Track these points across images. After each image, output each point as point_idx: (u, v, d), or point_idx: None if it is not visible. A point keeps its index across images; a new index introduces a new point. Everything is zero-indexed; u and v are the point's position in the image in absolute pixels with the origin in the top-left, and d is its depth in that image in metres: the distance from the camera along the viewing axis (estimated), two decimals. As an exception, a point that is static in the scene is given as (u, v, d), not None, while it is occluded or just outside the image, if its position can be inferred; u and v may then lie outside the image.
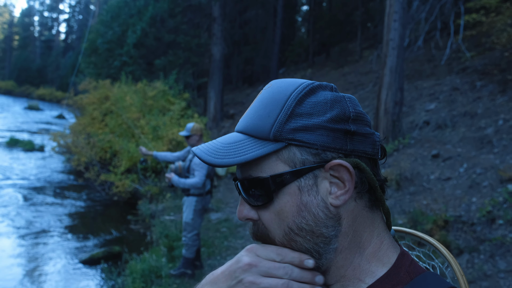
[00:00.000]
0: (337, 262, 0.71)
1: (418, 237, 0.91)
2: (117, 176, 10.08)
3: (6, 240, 7.11)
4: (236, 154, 0.69)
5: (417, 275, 0.69)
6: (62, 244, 7.16)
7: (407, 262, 0.71)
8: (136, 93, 13.03)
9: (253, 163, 0.70)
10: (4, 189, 10.40)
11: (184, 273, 5.14)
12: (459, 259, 4.69)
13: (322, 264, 0.70)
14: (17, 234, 7.45)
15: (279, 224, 0.69)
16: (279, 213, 0.69)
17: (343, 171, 0.68)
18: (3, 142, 17.44)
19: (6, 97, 49.54)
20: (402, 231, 0.93)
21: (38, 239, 7.29)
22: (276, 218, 0.69)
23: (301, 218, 0.68)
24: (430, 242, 0.88)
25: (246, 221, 0.73)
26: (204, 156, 0.70)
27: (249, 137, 0.71)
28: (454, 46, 11.70)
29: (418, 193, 6.37)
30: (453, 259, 0.82)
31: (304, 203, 0.68)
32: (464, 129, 7.79)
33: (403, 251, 0.74)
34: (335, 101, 0.71)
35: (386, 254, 0.72)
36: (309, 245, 0.69)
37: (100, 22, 21.58)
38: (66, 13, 74.85)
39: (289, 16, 27.10)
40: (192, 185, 4.95)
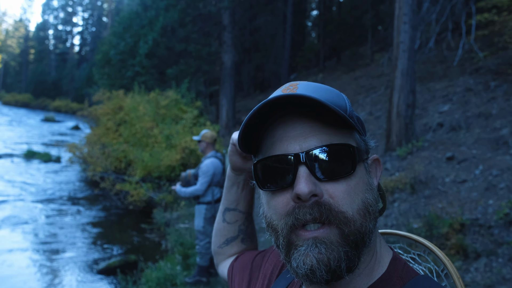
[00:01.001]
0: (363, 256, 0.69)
1: (413, 240, 0.91)
2: (132, 185, 10.18)
3: (24, 250, 7.23)
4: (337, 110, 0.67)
5: (410, 279, 0.70)
6: (79, 254, 7.25)
7: (400, 267, 0.72)
8: (149, 103, 13.18)
9: (331, 132, 0.69)
10: (21, 200, 10.60)
11: (199, 281, 5.16)
12: (477, 263, 4.62)
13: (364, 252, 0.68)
14: (35, 244, 7.57)
15: (353, 197, 0.67)
16: (355, 186, 0.68)
17: (378, 166, 0.78)
18: (21, 154, 17.78)
19: (24, 110, 50.57)
20: (397, 234, 0.93)
21: (55, 249, 7.40)
22: (351, 191, 0.67)
23: (369, 195, 0.70)
24: (426, 245, 0.88)
25: (309, 198, 0.66)
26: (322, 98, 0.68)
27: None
28: (467, 47, 11.58)
29: (433, 196, 6.30)
30: (449, 261, 0.83)
31: (369, 182, 0.72)
32: (479, 130, 7.68)
33: (395, 255, 0.75)
34: None
35: (384, 255, 0.74)
36: (371, 225, 0.68)
37: (113, 33, 21.95)
38: (79, 25, 76.23)
39: (299, 22, 27.15)
40: (192, 193, 5.00)
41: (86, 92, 29.46)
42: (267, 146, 0.72)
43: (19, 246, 7.40)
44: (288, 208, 0.68)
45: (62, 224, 8.93)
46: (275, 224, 0.70)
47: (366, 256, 0.70)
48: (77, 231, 8.53)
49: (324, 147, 0.67)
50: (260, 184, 0.73)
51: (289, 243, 0.68)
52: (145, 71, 18.02)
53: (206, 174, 4.99)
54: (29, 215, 9.35)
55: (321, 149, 0.67)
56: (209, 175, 4.99)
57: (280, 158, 0.69)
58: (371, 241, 0.69)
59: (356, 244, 0.66)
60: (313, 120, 0.69)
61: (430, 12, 12.06)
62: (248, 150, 0.77)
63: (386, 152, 8.52)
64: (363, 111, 12.04)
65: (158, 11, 18.71)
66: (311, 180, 0.66)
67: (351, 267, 0.66)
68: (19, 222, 8.74)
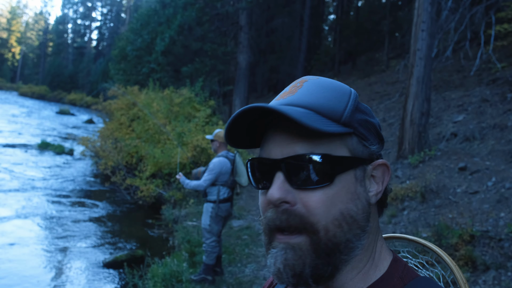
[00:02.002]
0: (354, 262, 0.70)
1: (421, 244, 0.90)
2: (142, 181, 10.26)
3: (32, 240, 7.34)
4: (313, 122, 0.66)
5: (410, 280, 0.69)
6: (86, 246, 7.34)
7: (401, 268, 0.72)
8: (163, 100, 13.28)
9: (316, 140, 0.67)
10: (33, 191, 10.76)
11: (205, 279, 5.18)
12: (485, 276, 4.56)
13: (349, 258, 0.69)
14: (43, 236, 7.68)
15: (330, 207, 0.66)
16: (334, 196, 0.66)
17: (385, 172, 0.73)
18: (35, 145, 18.04)
19: (39, 102, 51.31)
20: (405, 238, 0.93)
21: (64, 241, 7.49)
22: (327, 201, 0.66)
23: (352, 206, 0.68)
24: (433, 250, 0.88)
25: (279, 205, 0.67)
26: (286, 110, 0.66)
27: (315, 113, 0.68)
28: (484, 57, 11.44)
29: (443, 206, 6.23)
30: (456, 266, 0.82)
31: (357, 193, 0.69)
32: (493, 141, 7.58)
33: (396, 256, 0.75)
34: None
35: (383, 258, 0.73)
36: (349, 235, 0.67)
37: (130, 29, 22.18)
38: (98, 20, 77.16)
39: (316, 25, 27.10)
40: (194, 187, 5.05)
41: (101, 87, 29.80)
42: (263, 144, 0.74)
43: (27, 236, 7.51)
44: (267, 208, 0.69)
45: (71, 216, 9.04)
46: (261, 219, 0.72)
47: (357, 263, 0.70)
48: (86, 224, 8.63)
49: (302, 155, 0.66)
50: (251, 181, 0.75)
51: (268, 242, 0.70)
52: (161, 68, 18.17)
53: (212, 171, 5.01)
54: (39, 206, 9.49)
55: (298, 157, 0.67)
56: (214, 173, 5.01)
57: (262, 161, 0.71)
58: (354, 249, 0.68)
59: (327, 253, 0.66)
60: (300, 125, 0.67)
61: (449, 20, 11.95)
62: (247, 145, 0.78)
63: (397, 159, 8.45)
64: (376, 117, 11.96)
65: (176, 9, 18.86)
66: (284, 187, 0.67)
67: (319, 274, 0.66)
68: (28, 212, 8.87)
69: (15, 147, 17.01)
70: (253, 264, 5.94)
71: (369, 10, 23.97)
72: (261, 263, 5.97)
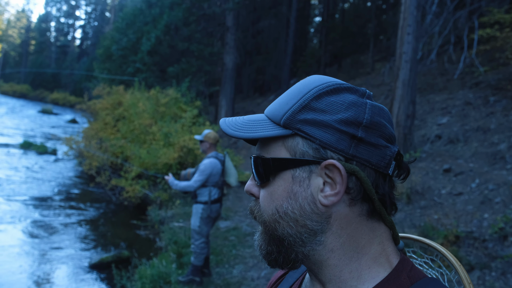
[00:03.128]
0: (329, 259, 0.72)
1: (426, 244, 0.91)
2: (127, 181, 10.15)
3: (14, 243, 7.19)
4: (249, 130, 0.75)
5: (418, 280, 0.70)
6: (71, 248, 7.23)
7: (408, 267, 0.72)
8: (148, 100, 13.16)
9: (263, 143, 0.76)
10: (15, 191, 10.55)
11: (193, 280, 5.15)
12: (470, 276, 4.64)
13: (308, 252, 0.73)
14: (26, 237, 7.53)
15: (269, 203, 0.74)
16: (271, 194, 0.74)
17: (336, 173, 0.69)
18: (17, 144, 17.69)
19: (21, 100, 50.30)
20: (410, 238, 0.94)
21: (47, 242, 7.36)
22: (268, 198, 0.74)
23: (287, 204, 0.72)
24: (438, 250, 0.88)
25: (250, 196, 0.79)
26: (223, 125, 0.79)
27: (267, 119, 0.76)
28: (468, 61, 11.67)
29: (429, 207, 6.33)
30: (461, 267, 0.83)
31: (294, 192, 0.72)
32: (477, 144, 7.74)
33: (404, 257, 0.75)
34: (353, 104, 0.70)
35: (387, 260, 0.73)
36: (291, 231, 0.73)
37: (115, 29, 21.94)
38: (82, 19, 76.05)
39: (302, 27, 27.26)
40: (184, 188, 5.00)
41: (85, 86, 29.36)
42: None
43: (9, 239, 7.35)
44: None
45: (54, 217, 8.89)
46: None
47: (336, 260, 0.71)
48: (70, 225, 8.50)
49: (252, 157, 0.77)
50: None
51: None
52: (146, 68, 18.02)
53: (203, 173, 4.99)
54: (21, 207, 9.30)
55: (252, 158, 0.77)
56: (205, 174, 4.99)
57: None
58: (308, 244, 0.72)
59: (276, 244, 0.75)
60: None
61: (433, 24, 12.15)
62: None
63: (383, 161, 8.54)
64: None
65: (162, 9, 18.74)
66: (252, 182, 0.79)
67: (271, 259, 0.76)
68: (10, 214, 8.69)
69: (-4, 146, 16.65)
70: (241, 265, 5.94)
71: (355, 13, 24.22)
72: (249, 264, 5.96)
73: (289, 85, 20.60)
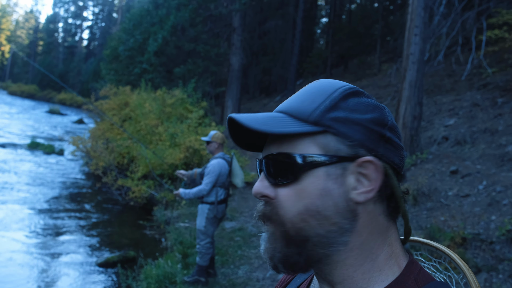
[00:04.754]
0: (347, 259, 0.71)
1: (434, 247, 0.91)
2: (133, 182, 10.19)
3: (22, 242, 7.24)
4: (275, 125, 0.71)
5: (425, 283, 0.69)
6: (78, 247, 7.27)
7: (416, 270, 0.72)
8: (155, 100, 13.22)
9: (287, 139, 0.72)
10: (22, 191, 10.62)
11: (198, 281, 5.16)
12: (477, 278, 4.60)
13: (331, 253, 0.71)
14: (33, 237, 7.58)
15: (295, 202, 0.70)
16: (300, 191, 0.70)
17: (372, 169, 0.70)
18: (25, 144, 17.83)
19: (29, 101, 50.73)
20: (418, 241, 0.93)
21: (54, 242, 7.41)
22: (294, 196, 0.70)
23: (320, 202, 0.69)
24: (446, 253, 0.88)
25: (260, 199, 0.74)
26: (242, 119, 0.71)
27: (288, 116, 0.73)
28: (475, 62, 11.59)
29: (435, 209, 6.29)
30: (469, 270, 0.82)
31: (328, 189, 0.70)
32: (484, 146, 7.68)
33: (412, 259, 0.75)
34: (377, 106, 0.74)
35: (396, 262, 0.72)
36: (320, 231, 0.69)
37: (122, 29, 22.05)
38: (89, 20, 76.56)
39: (308, 28, 27.23)
40: (196, 194, 4.97)
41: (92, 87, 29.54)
42: None
43: (17, 238, 7.41)
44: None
45: (61, 216, 8.95)
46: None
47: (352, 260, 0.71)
48: (76, 225, 8.55)
49: (271, 155, 0.73)
50: None
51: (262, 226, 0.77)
52: (153, 69, 18.09)
53: (212, 174, 4.99)
54: (29, 207, 9.37)
55: (270, 156, 0.73)
56: (214, 175, 4.99)
57: (259, 160, 0.78)
58: (333, 245, 0.70)
59: (297, 245, 0.71)
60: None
61: (441, 25, 12.08)
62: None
63: (390, 162, 8.51)
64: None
65: (169, 9, 18.80)
66: (263, 183, 0.74)
67: (290, 263, 0.71)
68: (16, 214, 8.76)
69: (4, 147, 16.80)
70: (246, 265, 5.93)
71: (362, 14, 24.16)
72: (254, 264, 5.96)
73: (296, 86, 20.61)
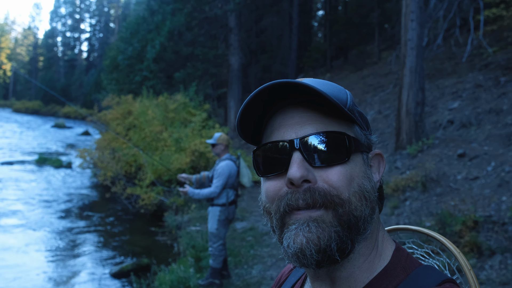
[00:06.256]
0: (361, 249, 0.71)
1: (424, 234, 0.91)
2: (142, 189, 10.24)
3: (36, 254, 7.31)
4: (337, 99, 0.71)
5: (413, 269, 0.71)
6: (92, 258, 7.32)
7: (403, 257, 0.73)
8: (157, 107, 13.26)
9: (330, 121, 0.71)
10: (34, 206, 10.72)
11: (212, 283, 5.18)
12: (491, 261, 4.58)
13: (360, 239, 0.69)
14: (47, 248, 7.65)
15: (349, 181, 0.68)
16: (351, 171, 0.69)
17: (381, 161, 0.78)
18: (33, 160, 17.98)
19: (34, 117, 51.14)
20: (409, 229, 0.94)
21: (68, 253, 7.47)
22: (347, 176, 0.68)
23: (366, 183, 0.71)
24: (436, 238, 0.89)
25: (301, 184, 0.67)
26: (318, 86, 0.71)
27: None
28: (475, 42, 11.48)
29: (445, 194, 6.25)
30: (460, 253, 0.83)
31: (367, 173, 0.73)
32: (490, 126, 7.61)
33: (398, 246, 0.76)
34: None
35: (385, 248, 0.74)
36: (366, 211, 0.69)
37: (120, 39, 22.15)
38: (87, 32, 76.92)
39: (305, 22, 27.12)
40: (207, 195, 4.98)
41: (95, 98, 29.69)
42: (267, 134, 0.75)
43: (33, 251, 7.48)
44: (281, 192, 0.69)
45: (73, 228, 9.01)
46: (267, 207, 0.72)
47: (364, 249, 0.71)
48: (90, 236, 8.60)
49: (318, 134, 0.69)
50: (258, 171, 0.75)
51: (282, 224, 0.70)
52: (153, 76, 18.14)
53: (222, 176, 4.99)
54: (42, 220, 9.45)
55: (315, 135, 0.69)
56: (224, 177, 4.99)
57: (276, 144, 0.71)
58: (367, 230, 0.70)
59: (349, 226, 0.67)
60: (311, 110, 0.71)
61: (437, 8, 11.98)
62: (252, 141, 0.80)
63: (396, 150, 8.47)
64: (371, 110, 11.98)
65: (164, 15, 18.84)
66: (304, 166, 0.67)
67: (343, 249, 0.66)
68: (32, 228, 8.83)
69: (12, 164, 16.95)
70: (260, 265, 5.94)
71: (357, 4, 23.98)
72: (267, 263, 5.96)
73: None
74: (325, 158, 0.68)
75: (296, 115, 0.72)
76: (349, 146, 0.69)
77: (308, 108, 0.72)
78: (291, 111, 0.73)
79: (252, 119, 0.75)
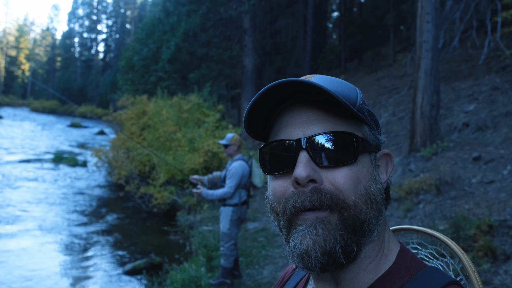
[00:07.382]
0: (367, 250, 0.71)
1: (429, 235, 0.91)
2: (156, 189, 10.34)
3: (51, 251, 7.44)
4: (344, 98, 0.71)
5: (418, 271, 0.70)
6: (105, 256, 7.42)
7: (408, 258, 0.73)
8: (172, 107, 13.38)
9: (338, 120, 0.70)
10: (49, 204, 10.90)
11: (223, 283, 5.20)
12: (506, 266, 4.51)
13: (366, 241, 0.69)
14: (62, 246, 7.78)
15: (356, 184, 0.67)
16: (358, 173, 0.68)
17: (389, 161, 0.77)
18: (49, 159, 18.28)
19: (51, 116, 52.02)
20: (413, 229, 0.94)
21: (82, 251, 7.59)
22: (354, 177, 0.67)
23: (373, 185, 0.70)
24: (441, 239, 0.88)
25: (306, 184, 0.66)
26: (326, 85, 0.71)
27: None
28: (492, 45, 11.31)
29: (459, 197, 6.18)
30: (464, 255, 0.83)
31: (375, 175, 0.72)
32: (507, 129, 7.49)
33: (403, 247, 0.76)
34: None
35: (391, 249, 0.74)
36: (371, 214, 0.69)
37: (136, 40, 22.40)
38: (104, 33, 77.99)
39: (320, 24, 27.03)
40: (221, 196, 5.00)
41: (110, 98, 30.08)
42: (274, 132, 0.75)
43: (47, 248, 7.62)
44: (288, 193, 0.69)
45: (88, 227, 9.15)
46: (275, 207, 0.72)
47: (371, 251, 0.71)
48: (103, 234, 8.72)
49: (326, 134, 0.68)
50: (264, 168, 0.75)
51: (290, 224, 0.69)
52: (168, 76, 18.30)
53: (235, 176, 5.02)
54: (57, 218, 9.61)
55: (323, 135, 0.68)
56: (238, 177, 5.02)
57: (282, 143, 0.71)
58: (373, 233, 0.70)
59: (354, 230, 0.66)
60: (320, 109, 0.71)
61: (454, 10, 11.84)
62: (260, 138, 0.79)
63: (410, 153, 8.39)
64: (386, 112, 11.89)
65: (180, 16, 19.00)
66: (310, 166, 0.67)
67: (348, 251, 0.66)
68: (47, 226, 8.99)
69: (29, 162, 17.26)
70: (271, 265, 5.95)
71: (372, 5, 23.83)
72: (279, 264, 5.97)
73: (310, 83, 20.43)
74: (332, 159, 0.67)
75: (304, 113, 0.71)
76: (357, 147, 0.69)
77: (317, 107, 0.71)
78: (299, 109, 0.72)
79: (260, 116, 0.75)
